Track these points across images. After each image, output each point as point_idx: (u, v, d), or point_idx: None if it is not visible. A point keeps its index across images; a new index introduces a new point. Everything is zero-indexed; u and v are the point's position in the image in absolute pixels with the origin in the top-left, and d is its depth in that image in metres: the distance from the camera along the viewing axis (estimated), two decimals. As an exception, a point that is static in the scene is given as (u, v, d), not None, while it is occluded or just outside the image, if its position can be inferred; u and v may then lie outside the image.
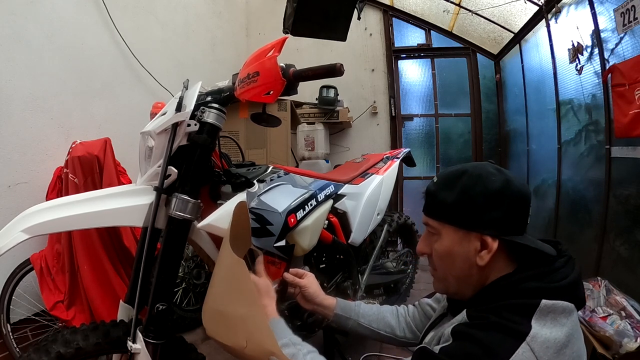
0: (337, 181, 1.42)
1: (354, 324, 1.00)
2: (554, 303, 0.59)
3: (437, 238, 0.71)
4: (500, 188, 0.65)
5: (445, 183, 0.70)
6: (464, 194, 0.66)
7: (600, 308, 1.60)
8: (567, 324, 0.58)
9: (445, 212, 0.69)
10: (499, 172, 0.67)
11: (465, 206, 0.66)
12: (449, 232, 0.68)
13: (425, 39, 3.87)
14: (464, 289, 0.70)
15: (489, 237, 0.65)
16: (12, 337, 1.63)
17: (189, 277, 2.02)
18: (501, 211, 0.65)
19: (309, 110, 3.52)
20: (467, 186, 0.66)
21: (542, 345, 0.55)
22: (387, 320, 1.01)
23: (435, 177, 0.73)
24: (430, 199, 0.72)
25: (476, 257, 0.66)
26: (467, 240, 0.66)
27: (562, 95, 2.51)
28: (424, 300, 1.02)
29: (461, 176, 0.68)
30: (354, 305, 1.03)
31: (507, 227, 0.65)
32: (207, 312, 0.82)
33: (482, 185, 0.65)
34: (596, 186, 2.16)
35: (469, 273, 0.68)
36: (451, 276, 0.70)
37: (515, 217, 0.66)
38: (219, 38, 3.49)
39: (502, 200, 0.64)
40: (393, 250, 2.21)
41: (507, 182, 0.65)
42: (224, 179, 1.02)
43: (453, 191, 0.67)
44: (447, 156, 3.89)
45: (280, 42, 0.89)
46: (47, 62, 1.87)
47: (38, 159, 1.82)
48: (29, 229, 0.82)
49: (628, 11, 1.71)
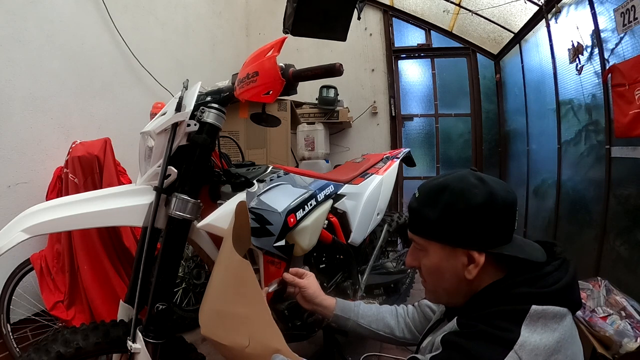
0: (337, 181, 1.42)
1: (354, 325, 1.00)
2: (544, 308, 0.58)
3: (424, 254, 0.70)
4: (483, 202, 0.63)
5: (427, 199, 0.69)
6: (446, 211, 0.65)
7: (600, 308, 1.60)
8: (558, 330, 0.58)
9: (430, 230, 0.68)
10: (481, 184, 0.65)
11: (449, 223, 0.65)
12: (435, 248, 0.68)
13: (425, 39, 3.87)
14: (455, 299, 0.70)
15: (475, 252, 0.64)
16: (12, 337, 1.63)
17: (189, 277, 2.03)
18: (486, 225, 0.64)
19: (309, 110, 3.52)
20: (450, 203, 0.65)
21: (530, 352, 0.55)
22: (387, 321, 1.01)
23: (417, 192, 0.72)
24: (414, 216, 0.71)
25: (464, 272, 0.65)
26: (453, 256, 0.66)
27: (562, 95, 2.51)
28: (424, 301, 1.01)
29: (443, 192, 0.66)
30: (354, 306, 1.02)
31: (493, 239, 0.64)
32: (205, 312, 0.82)
33: (465, 201, 0.64)
34: (596, 186, 2.16)
35: (458, 286, 0.68)
36: (441, 289, 0.71)
37: (500, 228, 0.65)
38: (219, 38, 3.49)
39: (485, 215, 0.63)
40: (393, 250, 2.20)
41: (489, 195, 0.64)
42: (223, 179, 1.02)
43: (436, 208, 0.66)
44: (447, 156, 3.89)
45: (279, 42, 0.89)
46: (47, 62, 1.87)
47: (38, 159, 1.82)
48: (29, 229, 0.82)
49: (628, 11, 1.71)
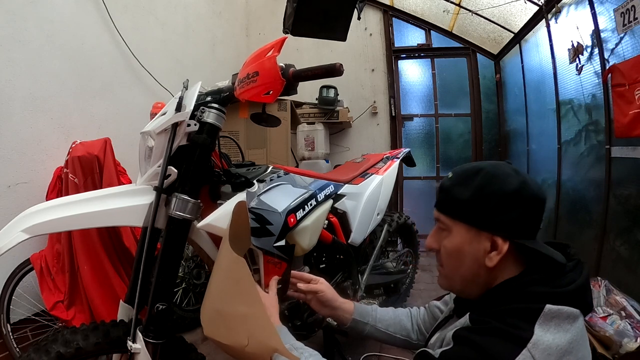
0: (337, 181, 1.42)
1: (371, 329, 0.98)
2: (559, 308, 0.57)
3: (447, 235, 0.69)
4: (516, 190, 0.63)
5: (460, 179, 0.68)
6: (479, 192, 0.65)
7: (600, 308, 1.60)
8: (571, 330, 0.57)
9: (458, 209, 0.67)
10: (516, 174, 0.65)
11: (479, 205, 0.65)
12: (460, 229, 0.67)
13: (425, 39, 3.87)
14: (468, 288, 0.69)
15: (499, 239, 0.63)
16: (12, 337, 1.63)
17: (189, 277, 2.03)
18: (515, 213, 0.63)
19: (309, 110, 3.52)
20: (483, 185, 0.65)
21: (543, 352, 0.54)
22: (403, 324, 1.00)
23: (451, 173, 0.72)
24: (444, 195, 0.71)
25: (485, 258, 0.65)
26: (477, 239, 0.65)
27: (562, 95, 2.51)
28: (434, 302, 1.01)
29: (477, 174, 0.66)
30: (371, 310, 1.01)
31: (520, 229, 0.64)
32: (205, 312, 0.82)
33: (498, 185, 0.64)
34: (596, 186, 2.16)
35: (476, 273, 0.67)
36: (458, 275, 0.69)
37: (528, 220, 0.64)
38: (219, 38, 3.49)
39: (516, 202, 0.63)
40: (393, 250, 2.21)
41: (523, 184, 0.64)
42: (223, 179, 1.02)
43: (468, 188, 0.66)
44: (447, 156, 3.89)
45: (279, 42, 0.89)
46: (47, 62, 1.87)
47: (38, 159, 1.82)
48: (29, 229, 0.82)
49: (628, 11, 1.71)
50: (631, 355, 1.40)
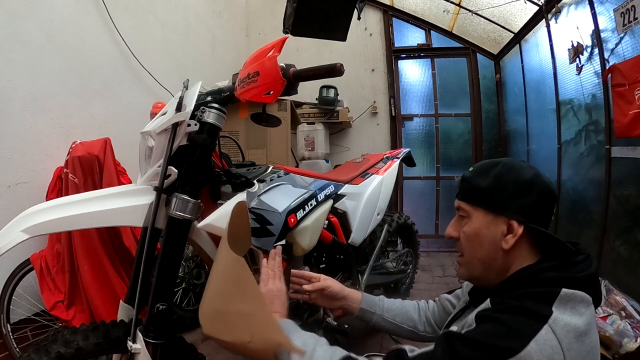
0: (337, 181, 1.42)
1: (379, 319, 1.02)
2: (573, 292, 0.61)
3: (467, 221, 0.75)
4: (531, 179, 0.70)
5: (480, 171, 0.76)
6: (497, 180, 0.72)
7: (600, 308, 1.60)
8: (585, 314, 0.60)
9: (478, 196, 0.74)
10: (530, 167, 0.73)
11: (497, 191, 0.71)
12: (479, 215, 0.73)
13: (425, 39, 3.87)
14: (487, 273, 0.73)
15: (515, 222, 0.69)
16: (12, 337, 1.63)
17: (189, 277, 2.03)
18: (529, 199, 0.69)
19: (309, 110, 3.51)
20: (501, 174, 0.72)
21: (563, 328, 0.57)
22: (410, 314, 1.03)
23: (472, 167, 0.80)
24: (465, 184, 0.77)
25: (502, 241, 0.70)
26: (494, 223, 0.71)
27: (562, 95, 2.51)
28: (444, 295, 1.03)
29: (496, 165, 0.74)
30: (378, 300, 1.05)
31: (533, 215, 0.70)
32: (205, 311, 0.82)
33: (515, 174, 0.71)
34: (596, 186, 2.16)
35: (494, 256, 0.71)
36: (477, 259, 0.74)
37: (541, 208, 0.70)
38: (219, 38, 3.49)
39: (531, 190, 0.70)
40: (393, 250, 2.21)
41: (537, 175, 0.71)
42: (224, 179, 1.02)
43: (487, 178, 0.73)
44: (447, 156, 3.88)
45: (280, 42, 0.89)
46: (47, 62, 1.87)
47: (38, 159, 1.82)
48: (29, 229, 0.82)
49: (628, 11, 1.71)
50: (631, 355, 1.40)
